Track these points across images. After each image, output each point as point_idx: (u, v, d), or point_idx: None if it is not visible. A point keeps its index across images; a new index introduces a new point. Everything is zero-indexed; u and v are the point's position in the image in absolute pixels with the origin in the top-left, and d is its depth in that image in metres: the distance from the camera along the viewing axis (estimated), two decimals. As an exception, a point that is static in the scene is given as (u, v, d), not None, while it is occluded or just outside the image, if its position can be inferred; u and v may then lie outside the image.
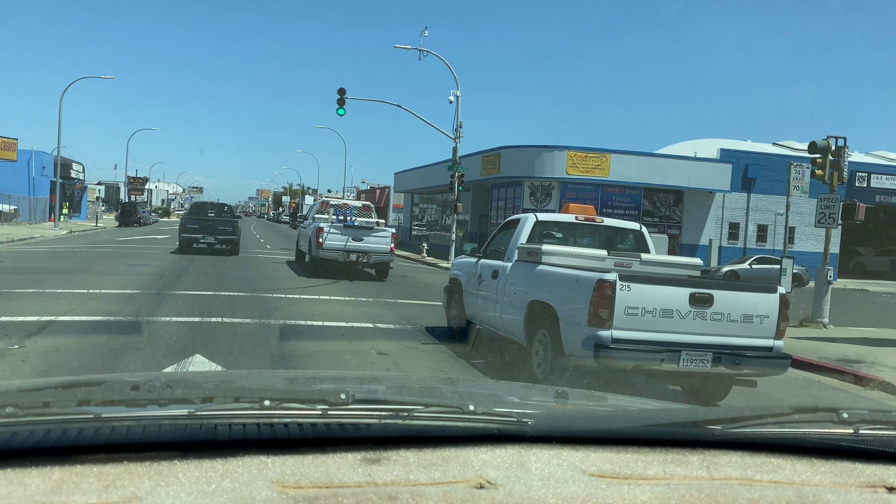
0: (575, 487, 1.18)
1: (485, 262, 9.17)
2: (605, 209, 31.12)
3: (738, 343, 6.46)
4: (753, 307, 6.55)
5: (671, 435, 1.44)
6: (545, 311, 7.09)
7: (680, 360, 6.27)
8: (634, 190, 31.65)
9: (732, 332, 6.46)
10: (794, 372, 8.70)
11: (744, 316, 6.49)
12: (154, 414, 1.34)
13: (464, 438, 1.33)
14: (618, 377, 6.68)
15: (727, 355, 6.36)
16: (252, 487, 1.09)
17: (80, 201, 60.42)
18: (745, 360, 6.43)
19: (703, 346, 6.33)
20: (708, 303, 6.39)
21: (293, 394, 1.86)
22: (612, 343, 6.20)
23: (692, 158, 32.52)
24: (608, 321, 6.20)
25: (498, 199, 34.28)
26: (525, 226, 8.69)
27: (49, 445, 1.13)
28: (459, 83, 28.97)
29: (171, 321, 9.59)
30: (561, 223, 8.93)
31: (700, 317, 6.37)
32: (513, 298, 7.96)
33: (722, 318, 6.43)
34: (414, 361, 8.13)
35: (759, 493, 1.23)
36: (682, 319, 6.34)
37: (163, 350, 7.67)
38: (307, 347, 8.73)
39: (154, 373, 5.72)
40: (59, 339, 7.99)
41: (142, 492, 1.06)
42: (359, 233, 17.61)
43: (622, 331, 6.23)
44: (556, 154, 30.45)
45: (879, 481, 1.35)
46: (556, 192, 31.03)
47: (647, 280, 6.54)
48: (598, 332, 6.23)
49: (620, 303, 6.21)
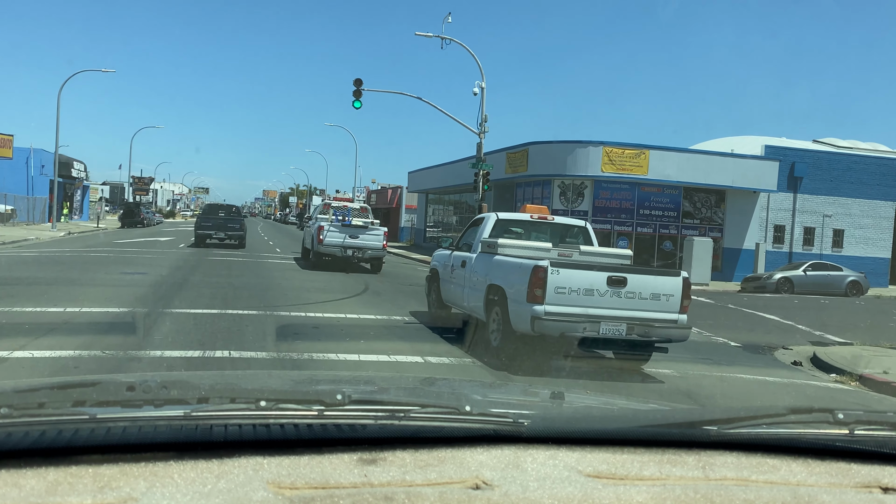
0: (571, 488, 1.19)
1: (456, 254, 10.70)
2: (641, 210, 28.92)
3: (648, 316, 7.89)
4: (661, 287, 8.00)
5: (667, 435, 1.44)
6: (499, 292, 8.55)
7: (600, 329, 7.72)
8: (673, 189, 29.20)
9: (643, 308, 7.89)
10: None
11: (653, 294, 7.95)
12: (150, 414, 1.33)
13: (460, 439, 1.33)
14: (614, 378, 7.71)
15: (638, 325, 7.80)
16: (248, 488, 1.09)
17: (81, 201, 58.42)
18: (653, 329, 7.87)
19: (619, 318, 7.78)
20: (622, 284, 7.85)
21: (289, 394, 1.84)
22: (544, 315, 7.69)
23: (737, 156, 29.71)
24: (542, 298, 7.72)
25: (523, 199, 31.62)
26: (488, 223, 10.35)
27: (44, 446, 1.13)
28: (484, 74, 26.69)
29: (162, 356, 7.31)
30: (519, 221, 10.58)
31: (616, 295, 7.83)
32: (476, 283, 9.49)
33: (634, 296, 7.89)
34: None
35: (754, 494, 1.23)
36: (601, 297, 7.81)
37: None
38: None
39: (150, 373, 5.52)
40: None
41: (137, 493, 1.05)
42: (355, 231, 19.87)
43: (553, 306, 7.74)
44: (590, 150, 27.97)
45: (874, 481, 1.35)
46: (588, 191, 28.66)
47: (573, 266, 8.10)
48: (534, 307, 7.72)
49: (551, 284, 7.72)
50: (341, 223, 20.15)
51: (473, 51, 26.97)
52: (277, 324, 9.87)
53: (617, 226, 28.85)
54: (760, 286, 25.46)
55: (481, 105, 27.24)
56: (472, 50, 26.92)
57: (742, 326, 14.59)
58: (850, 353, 10.91)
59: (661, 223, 29.36)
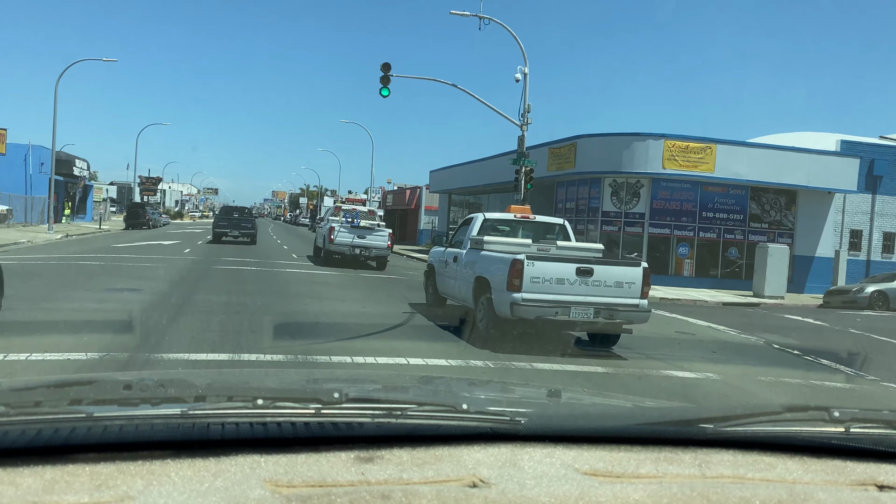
0: (568, 486, 1.19)
1: (450, 251, 11.95)
2: (704, 213, 25.67)
3: (613, 301, 9.14)
4: (624, 276, 9.29)
5: (664, 433, 1.45)
6: (485, 283, 9.87)
7: (570, 313, 9.03)
8: (739, 189, 25.76)
9: (608, 294, 9.15)
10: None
11: (616, 283, 9.22)
12: (146, 413, 1.33)
13: (457, 437, 1.33)
14: (611, 378, 7.93)
15: (604, 310, 9.09)
16: (245, 486, 1.08)
17: (85, 202, 55.56)
18: (617, 313, 9.14)
19: (587, 304, 9.06)
20: (590, 273, 9.15)
21: (286, 393, 1.83)
22: (522, 302, 8.99)
23: (813, 151, 25.87)
24: (519, 287, 9.00)
25: (566, 200, 28.46)
26: (476, 222, 11.83)
27: (41, 445, 1.12)
28: (527, 58, 23.48)
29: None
30: (504, 220, 12.16)
31: (584, 283, 9.11)
32: (466, 276, 10.79)
33: (600, 284, 9.16)
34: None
35: (750, 492, 1.24)
36: (571, 285, 9.09)
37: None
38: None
39: (147, 372, 5.37)
40: None
41: (134, 491, 1.05)
42: (362, 231, 21.62)
43: (529, 293, 9.00)
44: (649, 144, 24.61)
45: (870, 479, 1.35)
46: (645, 191, 25.33)
47: (546, 259, 9.41)
48: (513, 295, 9.02)
49: (527, 274, 8.99)
50: (350, 225, 21.96)
51: (516, 33, 23.72)
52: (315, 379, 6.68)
53: (677, 230, 25.51)
54: (849, 301, 21.98)
55: (524, 93, 23.97)
56: (515, 32, 23.68)
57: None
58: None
59: (725, 227, 26.01)
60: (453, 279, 11.48)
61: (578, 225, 26.86)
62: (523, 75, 24.19)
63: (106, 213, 58.93)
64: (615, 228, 25.58)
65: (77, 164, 49.79)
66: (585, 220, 26.63)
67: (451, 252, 11.84)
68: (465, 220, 12.80)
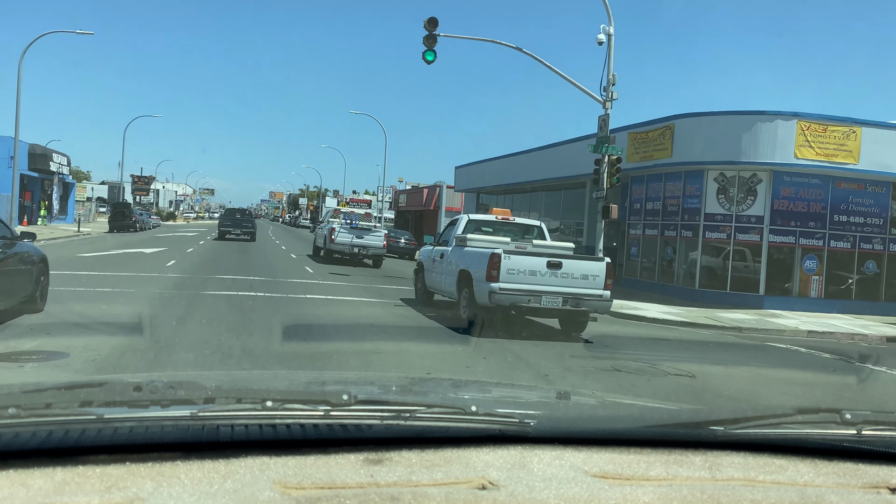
0: (577, 488, 1.19)
1: (437, 249, 13.32)
2: (836, 216, 19.94)
3: (579, 292, 10.43)
4: (589, 270, 10.64)
5: (673, 436, 1.44)
6: (467, 275, 11.12)
7: (541, 301, 10.29)
8: (879, 186, 20.06)
9: (575, 285, 10.45)
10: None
11: (582, 275, 10.54)
12: (156, 415, 1.33)
13: (466, 439, 1.32)
14: (618, 378, 7.91)
15: (572, 298, 10.36)
16: (254, 488, 1.08)
17: (66, 201, 49.58)
18: (583, 301, 10.46)
19: (556, 293, 10.32)
20: (559, 267, 10.47)
21: (295, 394, 1.84)
22: (499, 291, 10.25)
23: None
24: (497, 277, 10.26)
25: (648, 199, 22.45)
26: (462, 223, 13.06)
27: (52, 446, 1.13)
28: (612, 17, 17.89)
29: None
30: (487, 221, 13.28)
31: (554, 275, 10.41)
32: (451, 270, 11.98)
33: (568, 276, 10.46)
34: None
35: (761, 494, 1.23)
36: (542, 276, 10.38)
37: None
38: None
39: (156, 374, 5.44)
40: None
41: (144, 493, 1.05)
42: (360, 232, 23.79)
43: (505, 283, 10.28)
44: (778, 125, 18.70)
45: (882, 482, 1.34)
46: (764, 187, 19.55)
47: (521, 253, 10.70)
48: (491, 285, 10.28)
49: (504, 267, 10.27)
50: (349, 226, 23.86)
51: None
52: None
53: (803, 238, 19.80)
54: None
55: (608, 60, 18.20)
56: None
57: None
58: None
59: (861, 235, 20.32)
60: (440, 274, 12.73)
61: (667, 231, 21.36)
62: (607, 36, 18.45)
63: (90, 214, 53.20)
64: (723, 235, 19.96)
65: (55, 159, 43.98)
66: (678, 225, 21.01)
67: (438, 250, 13.18)
68: (451, 221, 14.00)
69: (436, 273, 13.03)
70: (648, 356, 9.80)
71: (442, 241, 13.47)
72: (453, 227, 13.22)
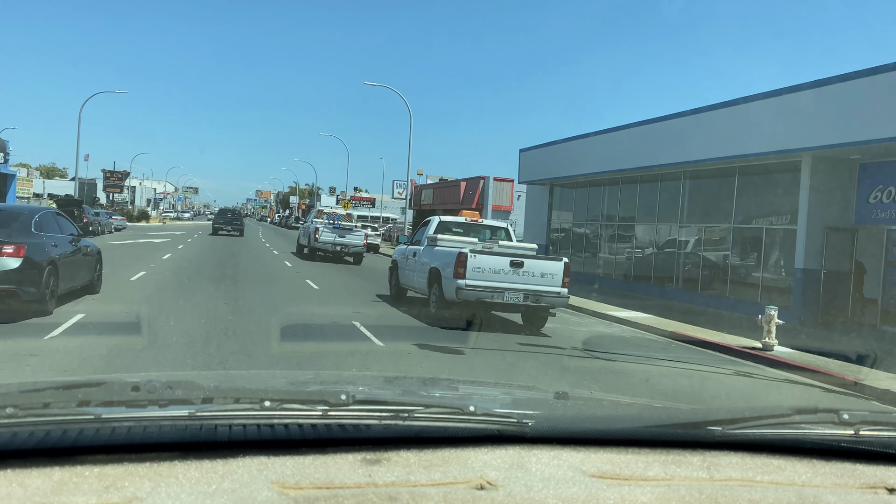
0: (575, 488, 1.18)
1: (410, 248, 14.08)
2: None
3: (539, 289, 11.24)
4: (548, 269, 11.42)
5: (671, 436, 1.45)
6: (436, 272, 11.91)
7: (504, 297, 11.13)
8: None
9: (536, 283, 11.26)
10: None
11: (542, 273, 11.34)
12: (154, 415, 1.33)
13: (464, 439, 1.32)
14: (616, 378, 8.04)
15: (532, 295, 11.18)
16: (252, 488, 1.08)
17: (4, 197, 40.32)
18: (542, 297, 11.24)
19: (518, 290, 11.15)
20: (520, 266, 11.29)
21: (293, 394, 1.84)
22: (465, 287, 11.09)
23: None
24: (463, 274, 11.11)
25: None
26: (433, 224, 13.91)
27: (49, 446, 1.13)
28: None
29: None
30: (457, 222, 14.18)
31: (516, 273, 11.23)
32: (422, 268, 12.80)
33: (529, 274, 11.28)
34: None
35: (759, 494, 1.23)
36: (505, 274, 11.21)
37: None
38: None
39: (154, 373, 5.45)
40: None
41: (142, 492, 1.05)
42: (342, 232, 25.90)
43: (471, 280, 11.12)
44: None
45: (880, 482, 1.35)
46: None
47: (485, 253, 11.50)
48: (458, 281, 11.13)
49: (470, 265, 11.12)
50: (332, 226, 25.97)
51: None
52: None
53: None
54: None
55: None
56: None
57: None
58: None
59: None
60: (412, 271, 13.50)
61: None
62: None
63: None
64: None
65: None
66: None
67: (411, 249, 13.96)
68: (423, 222, 14.81)
69: (409, 270, 13.78)
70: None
71: (415, 241, 14.22)
72: (425, 228, 14.05)
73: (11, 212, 10.14)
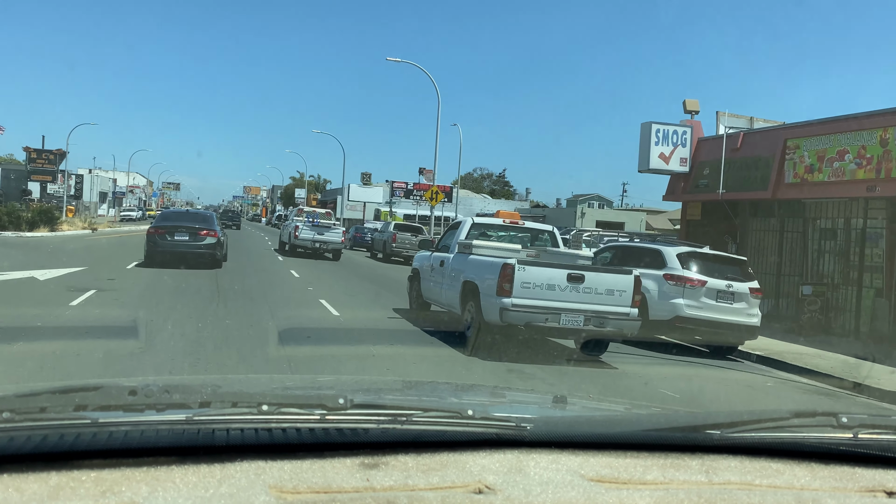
0: (574, 492, 1.19)
1: (436, 255, 11.64)
2: None
3: (603, 309, 8.85)
4: (615, 284, 8.99)
5: (670, 440, 1.45)
6: (473, 287, 9.53)
7: (560, 321, 8.73)
8: None
9: (599, 302, 8.86)
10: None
11: (608, 290, 8.94)
12: (151, 419, 1.32)
13: (462, 443, 1.32)
14: (615, 381, 7.98)
15: (595, 317, 8.79)
16: (250, 493, 1.08)
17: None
18: (607, 321, 8.87)
19: (577, 311, 8.77)
20: (580, 280, 8.87)
21: (291, 398, 1.83)
22: (511, 307, 8.71)
23: None
24: (509, 292, 8.71)
25: None
26: (465, 227, 11.46)
27: (46, 451, 1.12)
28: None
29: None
30: (492, 225, 11.79)
31: (575, 290, 8.83)
32: (452, 281, 10.43)
33: (591, 291, 8.88)
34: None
35: (758, 498, 1.23)
36: (562, 291, 8.80)
37: None
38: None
39: (151, 377, 5.53)
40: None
41: (139, 497, 1.05)
42: (321, 229, 26.51)
43: (519, 299, 8.71)
44: None
45: (879, 486, 1.35)
46: None
47: (537, 264, 9.24)
48: (503, 300, 8.72)
49: (518, 279, 8.72)
50: (311, 224, 26.62)
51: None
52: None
53: None
54: None
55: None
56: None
57: None
58: None
59: None
60: (439, 284, 11.23)
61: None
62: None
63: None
64: None
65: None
66: None
67: (437, 257, 11.61)
68: (451, 224, 12.98)
69: (434, 283, 11.44)
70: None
71: (441, 247, 11.82)
72: (455, 232, 11.66)
73: (202, 214, 19.98)
